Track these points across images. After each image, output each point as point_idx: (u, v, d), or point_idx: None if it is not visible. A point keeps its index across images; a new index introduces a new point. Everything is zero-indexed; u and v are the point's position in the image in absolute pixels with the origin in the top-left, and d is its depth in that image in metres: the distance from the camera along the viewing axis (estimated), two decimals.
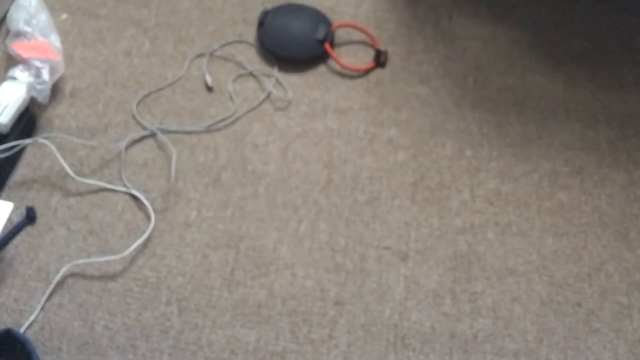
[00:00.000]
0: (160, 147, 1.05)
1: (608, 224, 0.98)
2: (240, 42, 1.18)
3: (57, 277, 0.90)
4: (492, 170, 1.03)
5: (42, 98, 1.04)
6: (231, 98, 1.11)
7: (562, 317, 0.89)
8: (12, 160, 1.00)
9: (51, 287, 0.89)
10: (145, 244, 0.94)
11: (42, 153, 1.02)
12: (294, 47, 1.15)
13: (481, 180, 1.02)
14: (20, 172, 1.01)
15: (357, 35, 1.20)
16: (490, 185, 1.02)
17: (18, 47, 1.06)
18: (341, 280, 0.92)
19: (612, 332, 0.88)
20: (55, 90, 1.09)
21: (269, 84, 1.12)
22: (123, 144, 1.04)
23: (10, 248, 0.93)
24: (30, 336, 0.85)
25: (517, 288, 0.92)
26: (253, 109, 1.10)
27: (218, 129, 1.07)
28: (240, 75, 1.14)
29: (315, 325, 0.88)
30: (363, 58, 1.17)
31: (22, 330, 0.86)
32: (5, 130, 0.99)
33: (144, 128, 1.06)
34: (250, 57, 1.16)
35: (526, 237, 0.96)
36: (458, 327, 0.88)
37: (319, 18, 1.18)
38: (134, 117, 1.07)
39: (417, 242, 0.96)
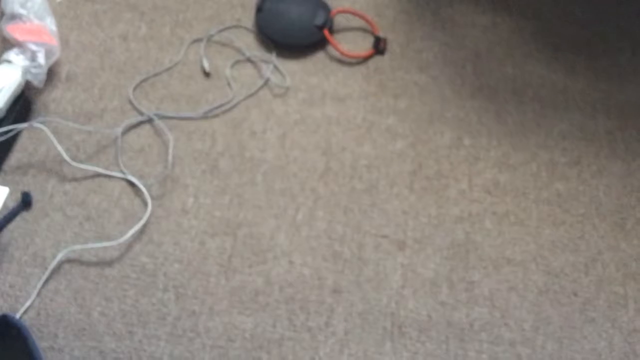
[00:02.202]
0: (157, 133, 1.04)
1: (605, 215, 0.98)
2: (238, 27, 1.17)
3: (53, 263, 0.89)
4: (491, 160, 1.03)
5: (37, 82, 1.03)
6: (229, 84, 1.10)
7: (558, 306, 0.90)
8: (8, 145, 0.99)
9: (47, 272, 0.89)
10: (142, 230, 0.94)
11: (37, 138, 1.01)
12: (293, 33, 1.14)
13: (479, 169, 1.02)
14: (16, 156, 1.00)
15: (357, 22, 1.19)
16: (489, 175, 1.02)
17: (13, 30, 1.05)
18: (339, 269, 0.92)
19: (607, 322, 0.89)
20: (51, 74, 1.07)
21: (267, 71, 1.11)
22: (119, 130, 1.03)
23: (6, 233, 0.92)
24: (26, 322, 0.85)
25: (514, 277, 0.92)
26: (251, 95, 1.09)
27: (215, 116, 1.06)
28: (238, 61, 1.13)
29: (313, 312, 0.88)
30: (362, 45, 1.16)
31: (18, 316, 0.85)
32: (0, 115, 0.98)
33: (140, 113, 1.05)
34: (248, 43, 1.15)
35: (524, 227, 0.97)
36: (455, 316, 0.88)
37: (318, 4, 1.17)
38: (130, 102, 1.07)
39: (415, 230, 0.96)
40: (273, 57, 1.13)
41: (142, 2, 1.19)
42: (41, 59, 1.03)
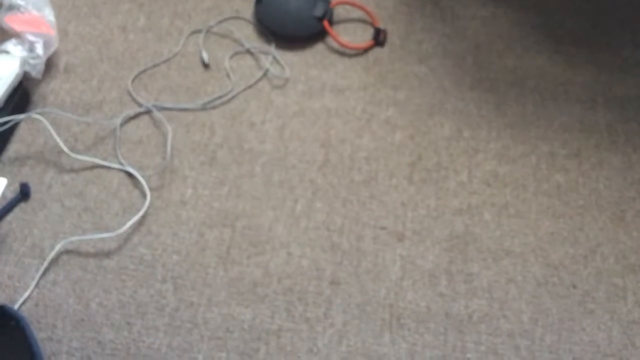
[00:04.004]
0: (156, 124, 1.03)
1: (605, 207, 0.98)
2: (237, 18, 1.17)
3: (52, 254, 0.89)
4: (490, 152, 1.03)
5: (35, 73, 1.02)
6: (228, 75, 1.09)
7: (557, 298, 0.90)
8: (6, 136, 0.99)
9: (45, 263, 0.89)
10: (140, 222, 0.93)
11: (36, 129, 1.01)
12: (292, 24, 1.14)
13: (479, 161, 1.02)
14: (14, 147, 0.99)
15: (356, 13, 1.18)
16: (488, 167, 1.01)
17: (11, 21, 1.05)
18: (337, 260, 0.92)
19: (606, 314, 0.89)
20: (49, 65, 1.07)
21: (266, 62, 1.11)
22: (118, 121, 1.02)
23: (4, 224, 0.92)
24: (25, 313, 0.85)
25: (512, 269, 0.92)
26: (250, 86, 1.08)
27: (214, 107, 1.06)
28: (237, 53, 1.12)
29: (311, 304, 0.88)
30: (362, 36, 1.15)
31: (16, 307, 0.85)
32: None
33: (139, 105, 1.05)
34: (248, 34, 1.14)
35: (523, 219, 0.96)
36: (453, 308, 0.88)
37: None
38: (129, 93, 1.06)
39: (414, 222, 0.95)
40: (272, 49, 1.12)
41: None
42: (39, 49, 1.02)
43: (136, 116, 1.04)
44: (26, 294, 0.86)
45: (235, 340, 0.85)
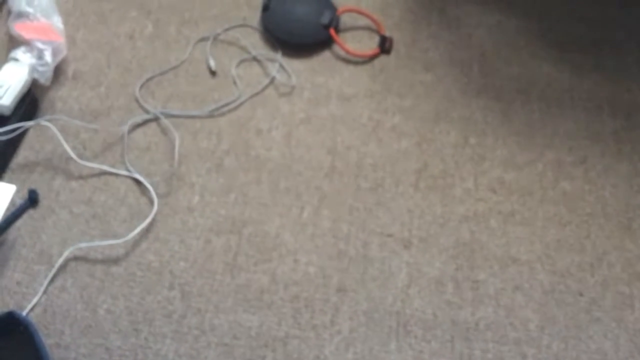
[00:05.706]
0: (163, 131, 1.04)
1: (611, 214, 0.98)
2: (244, 26, 1.17)
3: (60, 261, 0.90)
4: (496, 159, 1.03)
5: (44, 80, 1.03)
6: (235, 83, 1.10)
7: (563, 306, 0.90)
8: (15, 143, 1.00)
9: (54, 270, 0.89)
10: (148, 229, 0.94)
11: (44, 135, 1.02)
12: (299, 32, 1.14)
13: (485, 168, 1.02)
14: (23, 154, 1.00)
15: (362, 21, 1.19)
16: (494, 174, 1.01)
17: (20, 28, 1.05)
18: (344, 267, 0.92)
19: (613, 322, 0.88)
20: (58, 72, 1.08)
21: (272, 69, 1.12)
22: (126, 128, 1.03)
23: (13, 231, 0.93)
24: (33, 319, 0.86)
25: (519, 277, 0.92)
26: (256, 94, 1.09)
27: (221, 114, 1.06)
28: (243, 60, 1.13)
29: (318, 311, 0.88)
30: (368, 44, 1.16)
31: (24, 313, 0.86)
32: (7, 112, 0.98)
33: (146, 112, 1.06)
34: (254, 42, 1.15)
35: (529, 226, 0.96)
36: (460, 315, 0.88)
37: (324, 3, 1.17)
38: (136, 100, 1.07)
39: (420, 229, 0.96)
40: (279, 56, 1.13)
41: (148, 1, 1.19)
42: (48, 57, 1.03)
43: (144, 123, 1.05)
44: (34, 300, 0.87)
45: (242, 347, 0.85)
